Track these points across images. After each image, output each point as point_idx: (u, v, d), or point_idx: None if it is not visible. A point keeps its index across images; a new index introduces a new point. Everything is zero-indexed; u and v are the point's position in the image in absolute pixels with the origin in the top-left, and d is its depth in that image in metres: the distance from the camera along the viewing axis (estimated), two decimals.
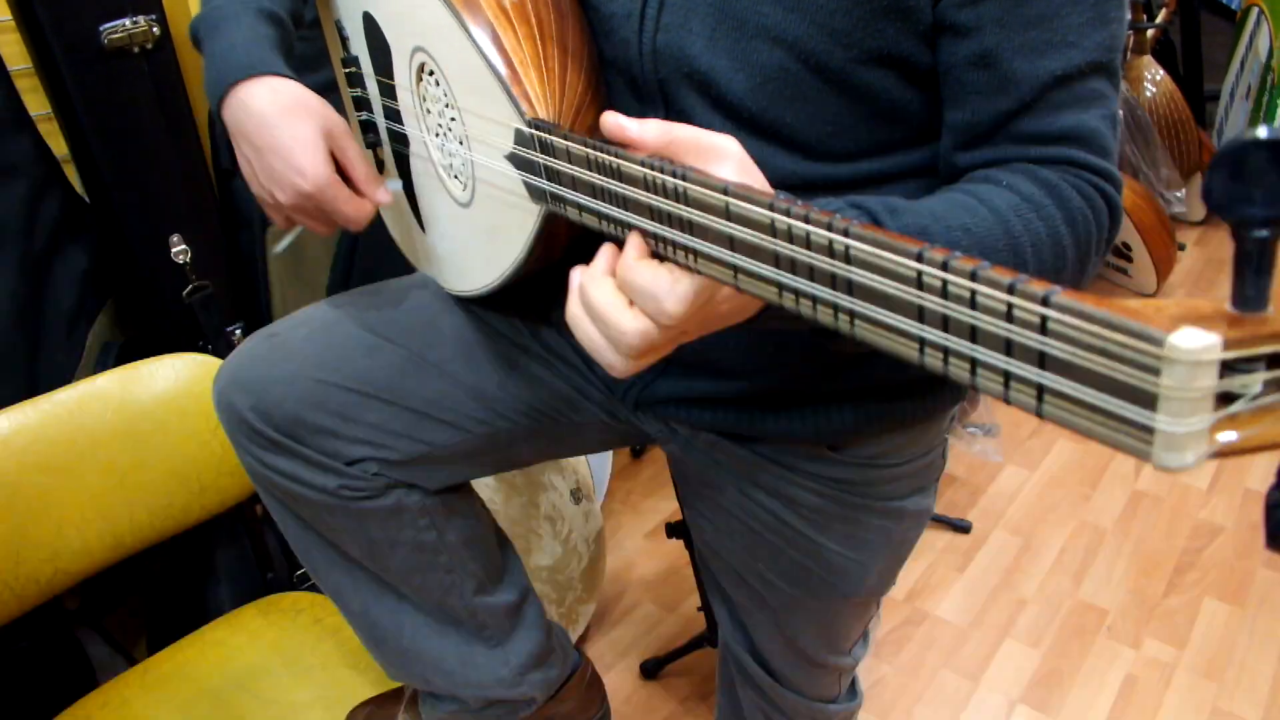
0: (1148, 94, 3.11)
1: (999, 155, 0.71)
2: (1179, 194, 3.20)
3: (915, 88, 0.74)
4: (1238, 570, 1.95)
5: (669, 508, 2.22)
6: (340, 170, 0.85)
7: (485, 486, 1.51)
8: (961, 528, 2.10)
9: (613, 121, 0.61)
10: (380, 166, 1.01)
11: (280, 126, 0.81)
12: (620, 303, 0.59)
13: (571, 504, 1.63)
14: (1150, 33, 3.10)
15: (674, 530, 1.55)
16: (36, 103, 1.40)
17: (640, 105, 0.80)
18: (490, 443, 0.97)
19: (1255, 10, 3.19)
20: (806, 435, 0.86)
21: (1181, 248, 3.25)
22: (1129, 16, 0.78)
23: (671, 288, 0.57)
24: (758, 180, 0.61)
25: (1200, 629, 1.81)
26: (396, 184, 0.96)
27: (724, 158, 0.60)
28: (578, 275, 0.63)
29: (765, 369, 0.85)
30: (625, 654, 1.83)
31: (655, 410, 0.94)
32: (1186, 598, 1.89)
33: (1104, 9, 0.68)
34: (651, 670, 1.77)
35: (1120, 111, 0.74)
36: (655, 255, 0.60)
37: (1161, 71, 3.11)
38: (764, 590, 0.98)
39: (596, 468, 1.94)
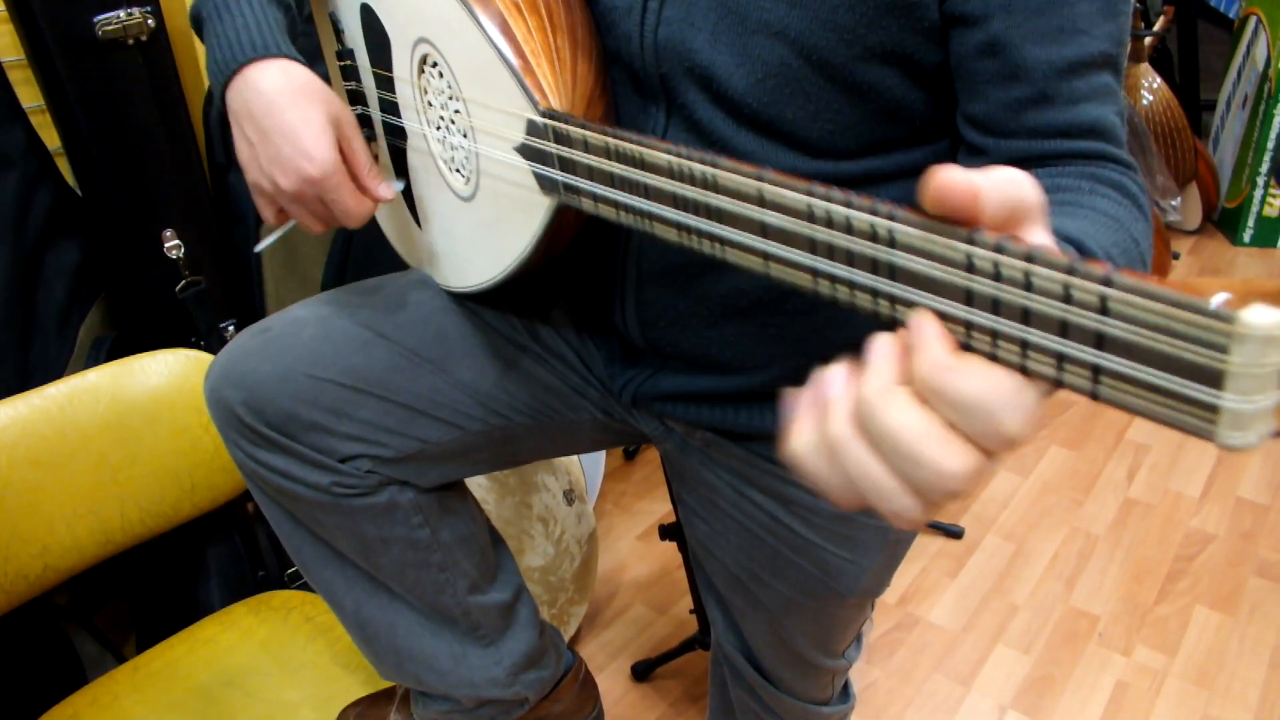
0: (1144, 102, 3.11)
1: (1028, 150, 0.70)
2: (1174, 202, 3.21)
3: (918, 86, 0.74)
4: (1229, 578, 1.95)
5: (661, 509, 2.22)
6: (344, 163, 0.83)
7: (478, 486, 1.50)
8: (954, 533, 2.10)
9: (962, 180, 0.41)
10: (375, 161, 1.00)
11: (290, 109, 0.80)
12: (936, 430, 0.40)
13: (564, 505, 1.63)
14: (1148, 41, 3.11)
15: (667, 532, 1.55)
16: (29, 95, 1.39)
17: (642, 100, 0.80)
18: (485, 440, 0.97)
19: (1253, 19, 3.20)
20: None
21: (1176, 256, 3.26)
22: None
23: (1015, 397, 0.39)
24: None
25: (1191, 636, 1.81)
26: (400, 184, 0.95)
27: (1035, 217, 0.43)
28: (838, 386, 0.44)
29: (765, 365, 0.85)
30: (617, 656, 1.82)
31: (652, 407, 0.93)
32: (1178, 605, 1.89)
33: (1113, 0, 0.68)
34: (643, 672, 1.76)
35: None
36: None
37: (1158, 79, 3.12)
38: (758, 590, 0.98)
39: (589, 469, 1.94)
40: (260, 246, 1.58)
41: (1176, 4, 3.32)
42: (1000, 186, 0.41)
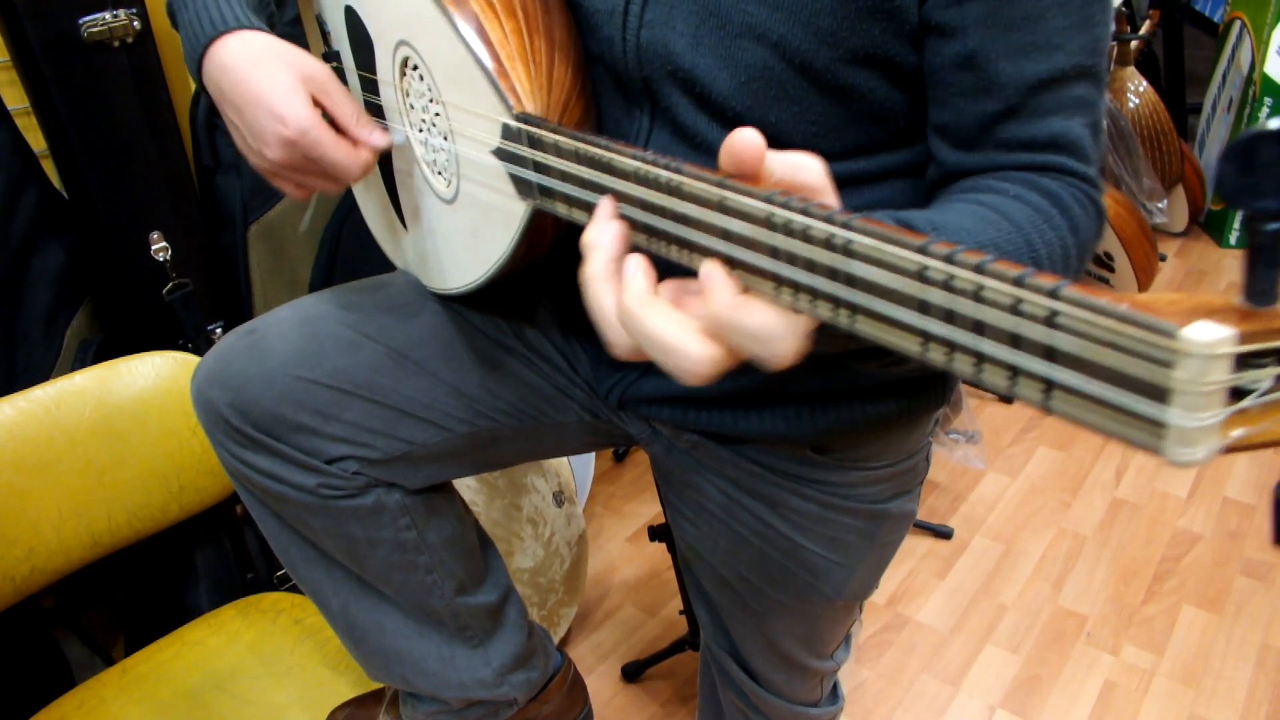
0: (1131, 105, 3.13)
1: (989, 161, 0.71)
2: (1161, 205, 3.22)
3: (900, 89, 0.74)
4: (1216, 578, 1.96)
5: (651, 511, 2.22)
6: (328, 120, 0.81)
7: (467, 488, 1.50)
8: (943, 534, 2.11)
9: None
10: None
11: (255, 76, 0.78)
12: (686, 329, 0.51)
13: (554, 506, 1.63)
14: (1134, 44, 3.13)
15: (656, 534, 1.55)
16: (14, 96, 1.39)
17: (627, 103, 0.80)
18: (471, 442, 0.97)
19: (1238, 23, 3.22)
20: (790, 436, 0.86)
21: (1163, 258, 3.27)
22: (1113, 24, 0.78)
23: (791, 328, 0.50)
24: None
25: (1178, 636, 1.82)
26: (400, 136, 0.91)
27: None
28: (609, 297, 0.55)
29: (750, 368, 0.85)
30: (607, 657, 1.82)
31: (638, 410, 0.93)
32: (1165, 605, 1.90)
33: (1089, 13, 0.68)
34: (633, 673, 1.76)
35: (1105, 120, 0.74)
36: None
37: (1145, 83, 3.13)
38: (746, 592, 0.98)
39: (579, 470, 1.94)
40: (303, 226, 1.58)
41: (1162, 8, 3.34)
42: (788, 161, 0.51)
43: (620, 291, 0.53)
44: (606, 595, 1.98)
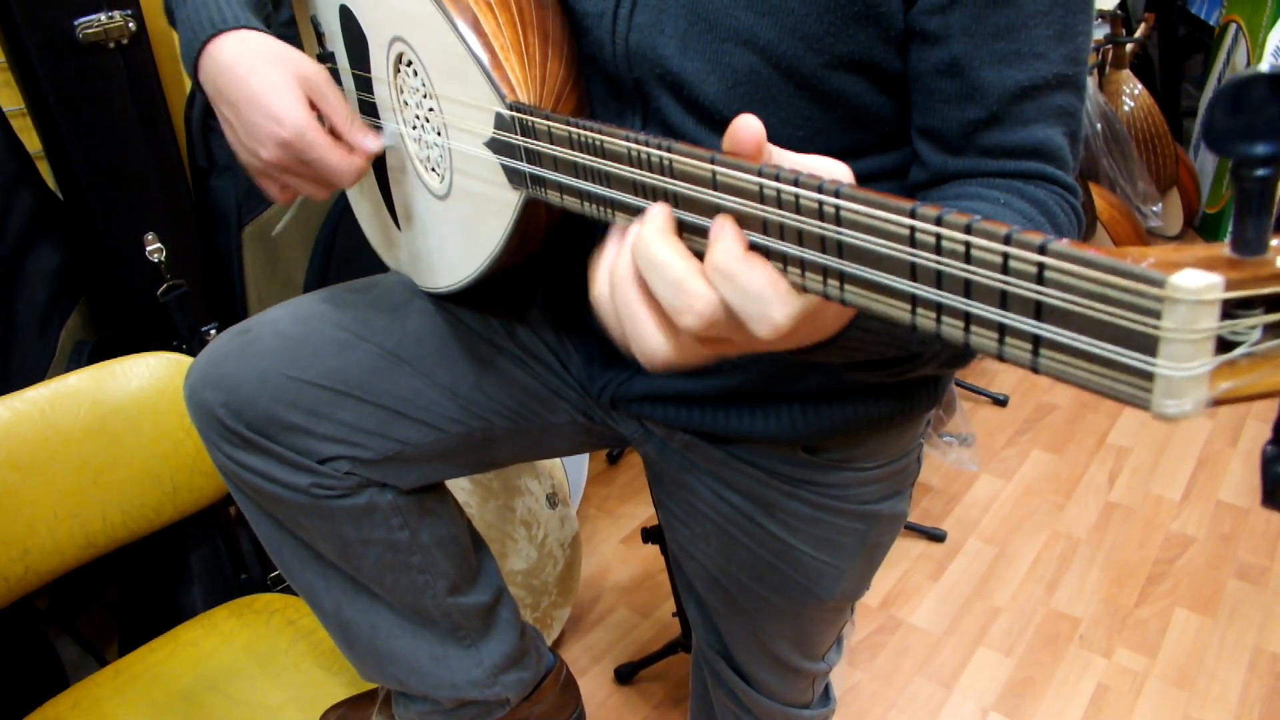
0: (1126, 108, 3.13)
1: (973, 167, 0.72)
2: (1155, 208, 3.23)
3: (887, 93, 0.74)
4: (1209, 581, 1.96)
5: (644, 513, 2.22)
6: (322, 122, 0.82)
7: (461, 489, 1.51)
8: (936, 536, 2.11)
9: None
10: None
11: (252, 76, 0.79)
12: (693, 267, 0.50)
13: (547, 508, 1.63)
14: (1129, 47, 3.13)
15: (650, 536, 1.55)
16: (9, 98, 1.39)
17: (618, 104, 0.80)
18: (464, 442, 0.97)
19: (1233, 26, 3.23)
20: (782, 436, 0.86)
21: None
22: (1094, 32, 0.78)
23: (789, 296, 0.48)
24: None
25: (1171, 638, 1.82)
26: (389, 140, 0.91)
27: None
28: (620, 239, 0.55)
29: (742, 367, 0.85)
30: (600, 659, 1.82)
31: (631, 409, 0.94)
32: (1158, 607, 1.90)
33: (1071, 22, 0.69)
34: (626, 675, 1.76)
35: (1098, 125, 0.75)
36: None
37: (1140, 86, 3.14)
38: (738, 593, 0.98)
39: (572, 472, 1.94)
40: (278, 229, 1.58)
41: (1157, 10, 3.35)
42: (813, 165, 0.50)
43: (637, 231, 0.53)
44: (600, 597, 1.98)
